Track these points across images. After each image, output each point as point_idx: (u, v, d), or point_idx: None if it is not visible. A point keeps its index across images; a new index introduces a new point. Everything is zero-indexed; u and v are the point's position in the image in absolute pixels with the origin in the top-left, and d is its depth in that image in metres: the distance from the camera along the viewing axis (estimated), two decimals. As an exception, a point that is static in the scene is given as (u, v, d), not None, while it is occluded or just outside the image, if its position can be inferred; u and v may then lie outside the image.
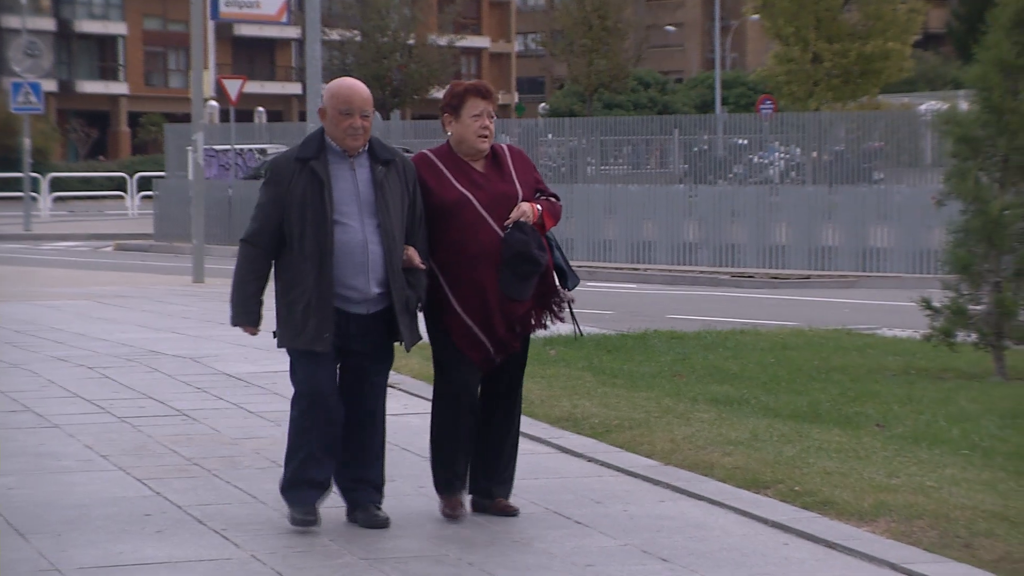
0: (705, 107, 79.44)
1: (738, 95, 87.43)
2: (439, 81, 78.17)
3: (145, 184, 56.45)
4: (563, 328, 9.19)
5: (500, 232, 8.39)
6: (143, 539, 8.70)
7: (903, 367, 15.24)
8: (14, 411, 13.08)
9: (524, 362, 8.97)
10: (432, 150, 8.72)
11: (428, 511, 9.11)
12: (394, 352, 8.71)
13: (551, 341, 14.41)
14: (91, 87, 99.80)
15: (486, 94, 8.58)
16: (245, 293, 8.46)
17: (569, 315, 8.79)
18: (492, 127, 8.59)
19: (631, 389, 13.52)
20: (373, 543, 8.59)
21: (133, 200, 57.97)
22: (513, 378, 8.87)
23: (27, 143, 50.42)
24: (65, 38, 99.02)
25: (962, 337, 15.12)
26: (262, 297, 8.49)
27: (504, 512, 8.83)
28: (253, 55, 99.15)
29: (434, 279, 8.53)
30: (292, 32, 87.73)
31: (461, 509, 8.85)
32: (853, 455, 10.58)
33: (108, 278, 29.30)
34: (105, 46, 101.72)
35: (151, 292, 25.23)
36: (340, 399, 8.46)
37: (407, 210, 8.34)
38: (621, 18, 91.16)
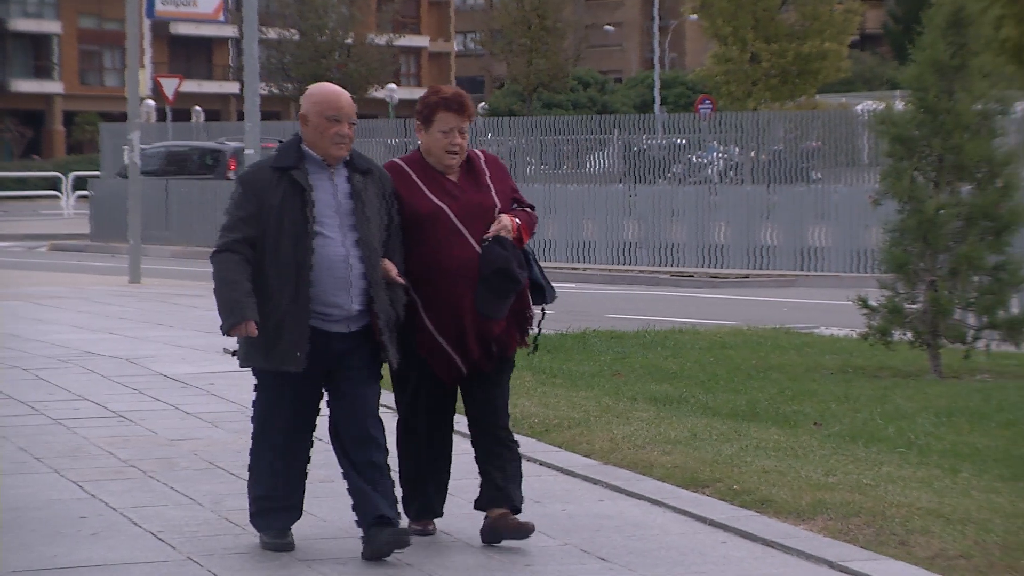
0: (644, 107, 79.69)
1: (677, 95, 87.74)
2: (378, 80, 78.25)
3: (80, 184, 55.90)
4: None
5: (477, 246, 7.93)
6: (77, 542, 8.67)
7: (840, 366, 15.36)
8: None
9: (508, 377, 8.40)
10: (403, 158, 8.24)
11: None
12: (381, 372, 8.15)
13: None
14: (25, 86, 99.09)
15: (459, 109, 8.00)
16: (235, 292, 7.65)
17: (536, 330, 8.36)
18: (464, 142, 8.06)
19: (570, 388, 13.57)
20: (312, 544, 8.59)
21: (68, 200, 57.49)
22: (496, 392, 8.28)
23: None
24: None
25: (898, 336, 15.26)
26: (253, 294, 7.69)
27: (516, 531, 8.21)
28: (190, 54, 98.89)
29: (407, 297, 8.01)
30: (229, 31, 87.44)
31: (431, 531, 8.55)
32: (791, 453, 10.66)
33: (43, 279, 29.12)
34: (39, 45, 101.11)
35: (87, 293, 25.07)
36: (304, 421, 8.04)
37: (385, 221, 7.88)
38: (560, 17, 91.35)
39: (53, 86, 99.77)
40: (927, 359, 15.16)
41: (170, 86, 53.13)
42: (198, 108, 67.19)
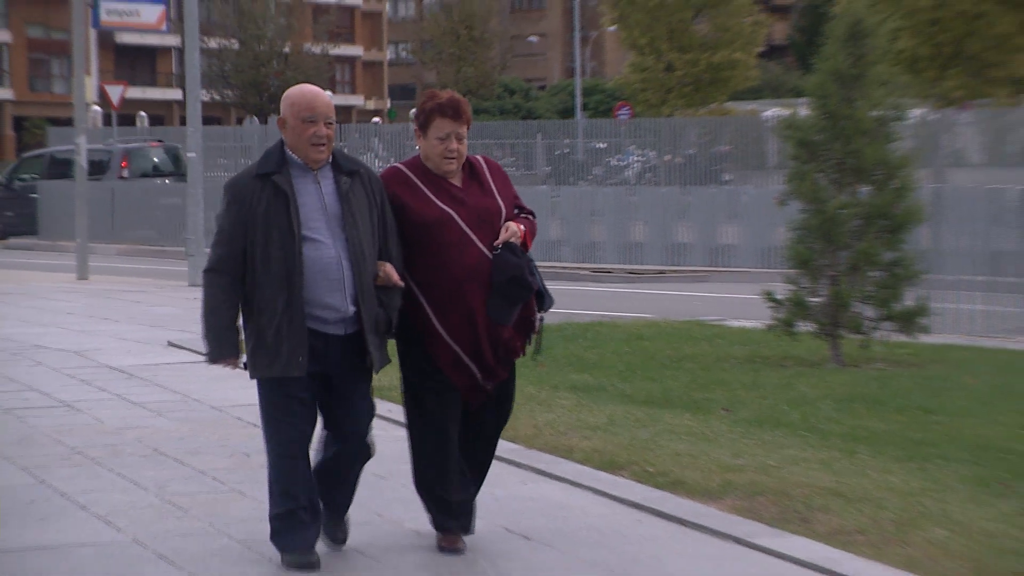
0: (566, 113, 79.61)
1: (597, 101, 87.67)
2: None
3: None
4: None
5: (486, 251, 7.46)
6: (27, 525, 8.67)
7: (748, 356, 15.43)
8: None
9: (513, 385, 7.99)
10: (405, 163, 7.73)
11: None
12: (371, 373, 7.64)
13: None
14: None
15: (455, 114, 7.51)
16: (219, 324, 7.34)
17: (537, 336, 7.92)
18: (463, 148, 7.56)
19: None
20: (253, 527, 8.60)
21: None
22: (505, 407, 7.99)
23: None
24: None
25: (802, 327, 15.34)
26: (237, 325, 7.39)
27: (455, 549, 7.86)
28: (135, 62, 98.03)
29: (413, 301, 7.52)
30: (172, 40, 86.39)
31: (461, 544, 7.89)
32: (702, 438, 10.75)
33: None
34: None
35: (35, 289, 24.93)
36: (310, 429, 7.52)
37: (376, 224, 7.38)
38: (487, 28, 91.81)
39: (3, 92, 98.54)
40: (828, 349, 15.26)
41: (115, 92, 52.77)
42: (143, 113, 66.80)
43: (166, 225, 38.35)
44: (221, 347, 7.34)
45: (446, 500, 7.73)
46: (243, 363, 7.43)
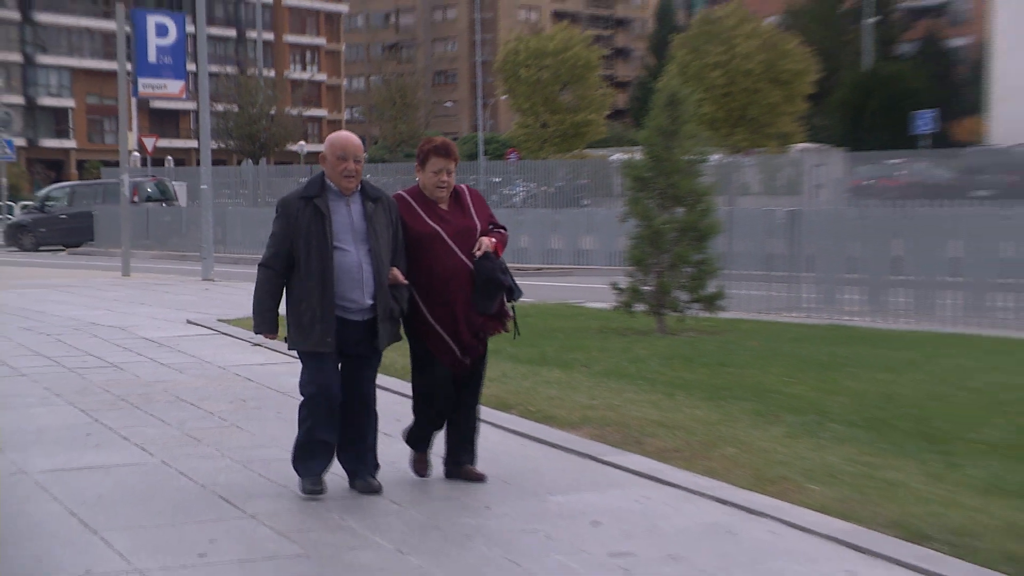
0: (472, 156, 79.44)
1: (494, 148, 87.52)
2: (292, 139, 77.49)
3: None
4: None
5: (464, 258, 7.20)
6: (85, 451, 8.60)
7: (600, 328, 15.48)
8: (-4, 366, 12.82)
9: (485, 361, 7.64)
10: (407, 191, 7.44)
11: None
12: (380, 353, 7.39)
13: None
14: (50, 143, 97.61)
15: (447, 154, 7.32)
16: (264, 307, 7.14)
17: (513, 322, 7.51)
18: (451, 179, 7.33)
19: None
20: (248, 452, 8.54)
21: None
22: (478, 374, 7.60)
23: (4, 181, 49.67)
24: (31, 109, 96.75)
25: (637, 307, 15.44)
26: (278, 310, 7.17)
27: (471, 477, 7.61)
28: (164, 120, 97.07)
29: (411, 296, 7.29)
30: (190, 105, 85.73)
31: (428, 469, 7.73)
32: (567, 386, 10.77)
33: (62, 273, 28.61)
34: (59, 114, 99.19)
35: (92, 283, 24.66)
36: (339, 390, 7.20)
37: (391, 239, 7.14)
38: (415, 97, 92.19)
39: (69, 143, 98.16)
40: (655, 323, 15.35)
41: (149, 143, 52.37)
42: (169, 157, 66.07)
43: (161, 236, 38.10)
44: (264, 323, 7.19)
45: (422, 436, 7.66)
46: (285, 338, 7.22)
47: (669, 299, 15.31)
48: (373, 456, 7.43)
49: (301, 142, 77.84)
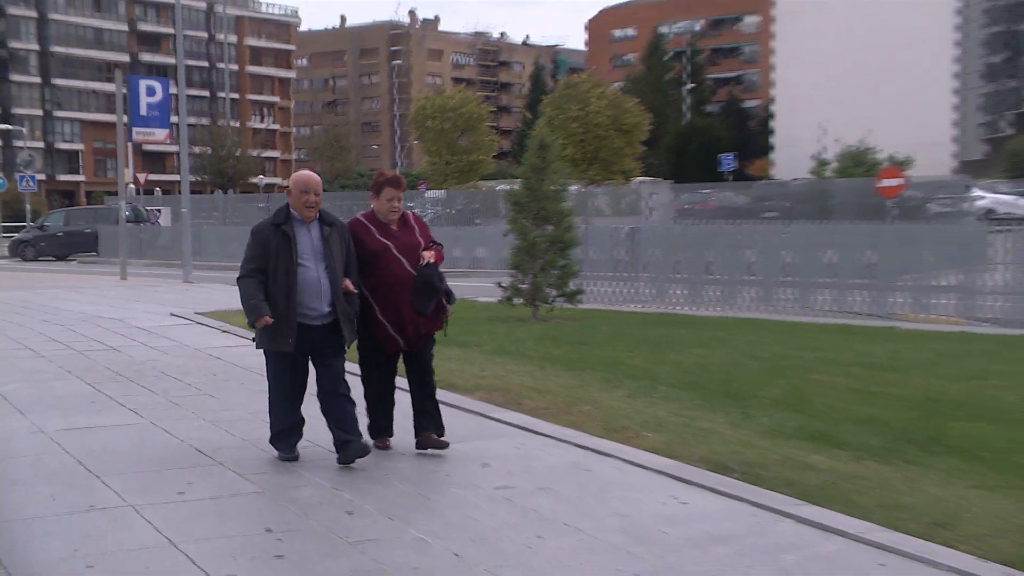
0: (391, 187, 79.18)
1: (409, 181, 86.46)
2: (253, 174, 76.24)
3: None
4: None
5: (411, 269, 6.85)
6: (91, 415, 8.36)
7: (489, 317, 15.44)
8: (18, 349, 12.39)
9: (432, 350, 7.18)
10: (363, 215, 7.04)
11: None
12: (344, 348, 6.97)
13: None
14: (64, 178, 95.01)
15: (397, 185, 6.95)
16: (252, 301, 6.53)
17: (445, 320, 7.14)
18: (400, 205, 6.94)
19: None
20: (219, 415, 8.38)
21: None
22: (426, 361, 7.10)
23: (27, 208, 48.43)
24: (49, 152, 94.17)
25: (517, 301, 15.43)
26: (264, 300, 6.55)
27: (435, 444, 7.05)
28: (153, 159, 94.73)
29: (366, 300, 6.90)
30: (174, 148, 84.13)
31: (388, 446, 7.17)
32: (465, 361, 10.69)
33: (71, 277, 27.82)
34: (71, 156, 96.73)
35: (96, 284, 23.97)
36: (299, 382, 6.76)
37: (344, 256, 6.73)
38: (348, 141, 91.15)
39: (79, 178, 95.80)
40: (531, 312, 15.38)
41: (142, 177, 51.32)
42: (158, 188, 64.80)
43: (151, 249, 37.36)
44: (258, 311, 6.56)
45: (380, 425, 7.19)
46: (253, 338, 6.83)
47: (541, 294, 15.35)
48: (355, 425, 6.79)
49: (260, 176, 76.62)
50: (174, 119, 32.82)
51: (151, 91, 26.47)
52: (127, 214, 40.45)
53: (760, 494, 5.94)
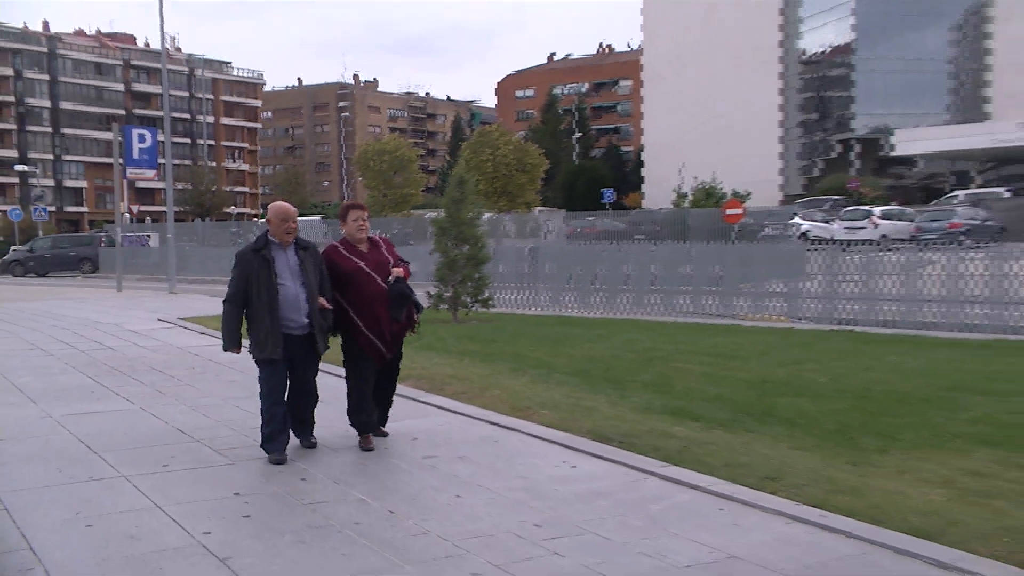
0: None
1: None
2: (227, 205, 74.70)
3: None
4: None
5: (384, 284, 6.41)
6: (91, 402, 8.11)
7: (425, 319, 15.28)
8: (30, 349, 11.94)
9: (400, 355, 6.78)
10: (338, 242, 6.59)
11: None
12: (319, 356, 6.43)
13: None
14: (71, 209, 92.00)
15: (360, 208, 6.54)
16: (230, 330, 6.16)
17: (416, 325, 6.70)
18: (367, 224, 6.54)
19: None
20: (198, 402, 8.17)
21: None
22: (395, 364, 6.73)
23: (40, 233, 46.30)
24: (58, 188, 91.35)
25: (441, 307, 15.37)
26: (240, 332, 6.17)
27: (379, 433, 6.75)
28: (144, 194, 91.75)
29: (346, 313, 6.42)
30: (161, 184, 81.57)
31: (372, 443, 6.54)
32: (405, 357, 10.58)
33: (74, 290, 26.88)
34: (76, 191, 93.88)
35: (97, 296, 23.24)
36: (284, 385, 6.35)
37: (317, 276, 6.29)
38: (303, 178, 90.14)
39: (83, 209, 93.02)
40: (452, 316, 15.34)
41: (135, 208, 49.88)
42: (148, 217, 63.00)
43: (142, 266, 36.22)
44: (231, 342, 6.21)
45: (366, 421, 6.67)
46: (247, 350, 6.31)
47: (460, 301, 15.32)
48: (312, 424, 6.63)
49: (232, 207, 75.23)
50: (161, 161, 32.27)
51: (142, 138, 26.13)
52: (105, 240, 39.48)
53: (633, 458, 6.00)
